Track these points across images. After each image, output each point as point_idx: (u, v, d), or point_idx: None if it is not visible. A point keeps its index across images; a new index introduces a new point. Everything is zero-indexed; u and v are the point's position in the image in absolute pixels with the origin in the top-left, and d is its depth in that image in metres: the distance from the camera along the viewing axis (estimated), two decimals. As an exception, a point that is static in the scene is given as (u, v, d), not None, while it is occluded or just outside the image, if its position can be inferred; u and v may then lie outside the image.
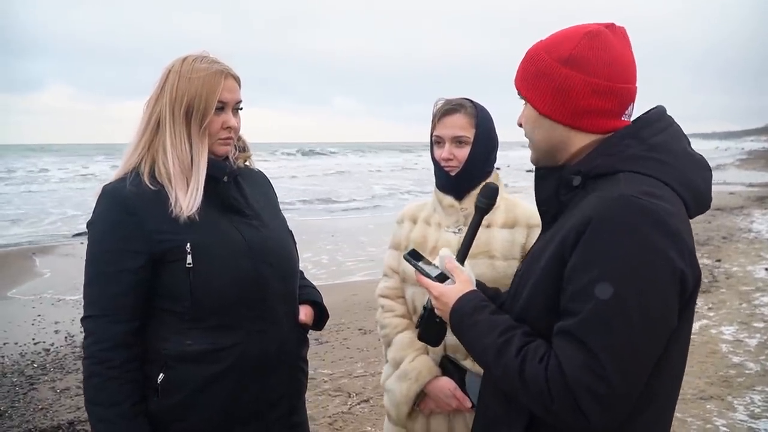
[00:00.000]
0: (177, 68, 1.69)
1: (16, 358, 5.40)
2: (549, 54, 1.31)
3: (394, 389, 2.03)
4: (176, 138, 1.66)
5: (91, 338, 1.63)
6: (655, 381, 1.21)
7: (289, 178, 27.60)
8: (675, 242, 1.14)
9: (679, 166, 1.26)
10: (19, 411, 4.33)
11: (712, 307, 6.51)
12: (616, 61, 1.28)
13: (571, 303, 1.17)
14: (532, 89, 1.34)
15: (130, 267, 1.63)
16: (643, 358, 1.14)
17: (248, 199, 1.82)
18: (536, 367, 1.18)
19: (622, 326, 1.11)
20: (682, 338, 1.27)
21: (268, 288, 1.76)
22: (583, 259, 1.16)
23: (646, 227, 1.13)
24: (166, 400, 1.67)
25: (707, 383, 4.59)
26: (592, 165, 1.28)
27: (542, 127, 1.35)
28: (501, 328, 1.28)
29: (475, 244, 1.98)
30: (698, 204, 1.29)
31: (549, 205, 1.39)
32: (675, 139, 1.30)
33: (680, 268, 1.15)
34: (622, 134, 1.29)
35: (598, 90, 1.27)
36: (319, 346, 5.61)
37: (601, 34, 1.29)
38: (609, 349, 1.11)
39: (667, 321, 1.16)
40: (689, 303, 1.22)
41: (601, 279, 1.12)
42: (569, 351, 1.14)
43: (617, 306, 1.11)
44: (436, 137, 2.03)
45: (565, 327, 1.17)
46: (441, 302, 1.43)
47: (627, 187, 1.19)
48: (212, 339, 1.68)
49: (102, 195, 1.68)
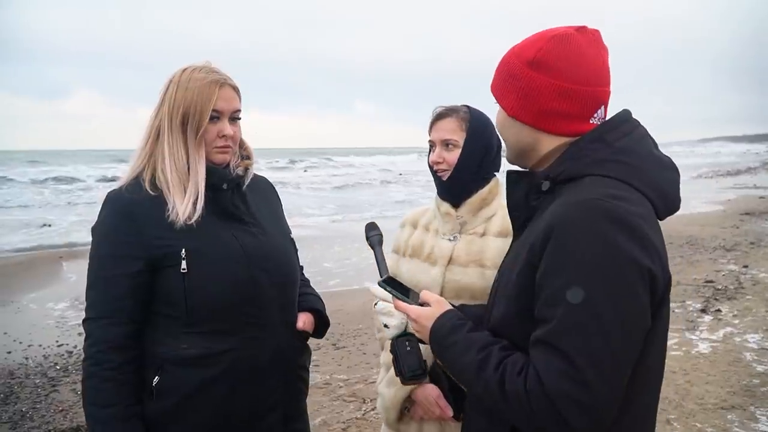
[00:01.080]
0: (176, 79, 1.73)
1: (39, 360, 5.51)
2: (518, 57, 1.34)
3: (385, 393, 2.05)
4: (173, 146, 1.70)
5: (90, 340, 1.68)
6: (633, 385, 1.20)
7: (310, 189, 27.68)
8: (641, 243, 1.14)
9: (646, 168, 1.26)
10: (40, 412, 4.42)
11: (737, 314, 6.38)
12: (582, 64, 1.28)
13: (544, 311, 1.16)
14: (502, 91, 1.37)
15: (127, 271, 1.66)
16: (622, 360, 1.13)
17: (249, 207, 1.84)
18: (515, 380, 1.17)
19: (596, 329, 1.10)
20: (657, 341, 1.26)
21: (264, 295, 1.77)
22: (552, 265, 1.16)
23: (609, 229, 1.13)
24: (160, 403, 1.69)
25: (729, 393, 4.50)
26: (559, 169, 1.29)
27: (512, 129, 1.37)
28: (479, 345, 1.27)
29: (468, 252, 1.97)
30: (666, 206, 1.28)
31: (520, 210, 1.40)
32: (640, 142, 1.30)
33: (648, 267, 1.14)
34: (588, 138, 1.29)
35: (561, 92, 1.28)
36: (336, 351, 5.62)
37: (569, 36, 1.30)
38: (585, 354, 1.10)
39: (641, 321, 1.16)
40: (662, 304, 1.21)
41: (570, 284, 1.12)
42: (545, 359, 1.13)
43: (589, 309, 1.11)
44: (429, 142, 2.05)
45: (540, 336, 1.16)
46: (419, 324, 1.43)
47: (591, 190, 1.19)
48: (206, 344, 1.70)
49: (105, 201, 1.73)
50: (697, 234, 11.09)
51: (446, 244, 2.00)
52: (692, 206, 15.37)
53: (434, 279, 1.98)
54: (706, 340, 5.66)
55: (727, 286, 7.46)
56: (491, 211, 2.02)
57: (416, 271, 2.04)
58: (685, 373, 4.90)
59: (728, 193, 19.54)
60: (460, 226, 2.00)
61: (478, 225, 2.01)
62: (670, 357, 5.18)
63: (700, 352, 5.36)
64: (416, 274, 2.03)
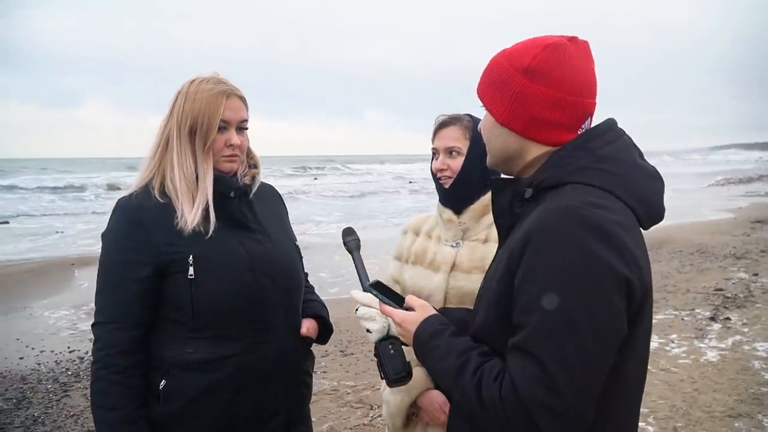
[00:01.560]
0: (185, 90, 1.78)
1: (51, 365, 5.57)
2: (509, 63, 1.32)
3: (390, 400, 2.07)
4: (182, 156, 1.75)
5: (99, 344, 1.72)
6: (612, 394, 1.20)
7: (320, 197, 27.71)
8: (618, 251, 1.14)
9: (629, 176, 1.27)
10: (51, 417, 4.47)
11: (747, 322, 6.35)
12: (575, 75, 1.29)
13: (520, 316, 1.17)
14: (491, 97, 1.35)
15: (135, 276, 1.71)
16: (595, 368, 1.13)
17: (256, 214, 1.88)
18: (491, 385, 1.17)
19: (569, 336, 1.10)
20: (638, 349, 1.26)
21: (269, 301, 1.81)
22: (528, 271, 1.17)
23: (586, 236, 1.13)
24: (166, 407, 1.73)
25: (737, 401, 4.48)
26: (542, 177, 1.29)
27: (499, 135, 1.36)
28: (458, 350, 1.27)
29: (471, 259, 1.99)
30: (650, 215, 1.29)
31: (504, 218, 1.40)
32: (624, 151, 1.31)
33: (624, 275, 1.14)
34: (571, 146, 1.29)
35: (553, 102, 1.28)
36: (344, 358, 5.65)
37: (563, 46, 1.29)
38: (558, 360, 1.10)
39: (616, 329, 1.15)
40: (640, 311, 1.21)
41: (546, 290, 1.12)
42: (519, 365, 1.13)
43: (563, 315, 1.11)
44: (433, 150, 2.08)
45: (515, 342, 1.16)
46: (404, 329, 1.44)
47: (571, 197, 1.20)
48: (211, 348, 1.74)
49: (115, 208, 1.78)
50: (708, 242, 11.04)
51: (449, 251, 2.03)
52: (703, 214, 15.30)
53: (437, 285, 2.00)
54: (714, 348, 5.64)
55: (737, 294, 7.42)
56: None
57: (419, 278, 2.07)
58: (693, 381, 4.89)
59: (739, 201, 19.43)
60: (463, 232, 2.03)
61: (481, 231, 2.04)
62: (678, 365, 5.19)
63: (709, 360, 5.35)
64: (419, 280, 2.06)
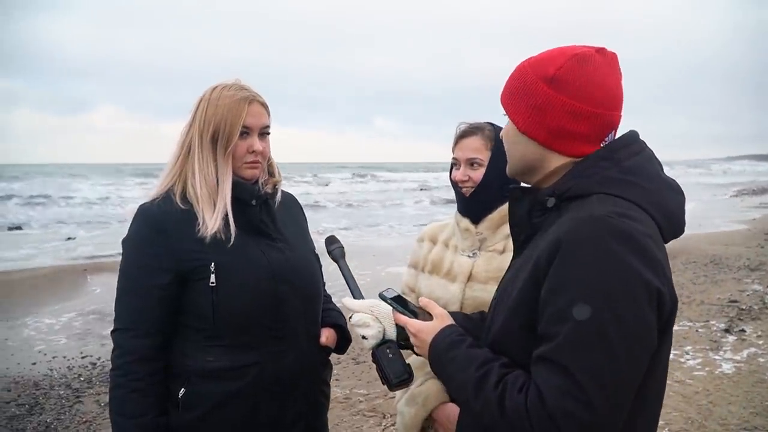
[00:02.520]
0: (207, 96, 1.79)
1: (63, 371, 5.59)
2: (534, 71, 1.30)
3: (404, 412, 2.02)
4: (203, 162, 1.75)
5: (118, 351, 1.72)
6: (635, 409, 1.18)
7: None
8: (649, 262, 1.13)
9: (653, 189, 1.26)
10: (64, 423, 4.48)
11: (762, 334, 6.27)
12: (600, 87, 1.27)
13: (549, 327, 1.14)
14: (514, 105, 1.33)
15: (156, 283, 1.71)
16: (626, 381, 1.11)
17: (276, 223, 1.88)
18: (516, 397, 1.14)
19: (601, 347, 1.08)
20: (660, 364, 1.25)
21: (289, 309, 1.81)
22: (558, 281, 1.15)
23: (619, 247, 1.12)
24: (186, 415, 1.73)
25: (752, 414, 4.42)
26: (566, 186, 1.27)
27: (519, 144, 1.35)
28: (478, 361, 1.25)
29: (487, 270, 1.97)
30: (672, 228, 1.28)
31: (521, 227, 1.38)
32: (648, 163, 1.30)
33: (656, 287, 1.13)
34: (597, 156, 1.28)
35: (577, 113, 1.26)
36: (356, 366, 5.64)
37: (590, 57, 1.28)
38: (589, 372, 1.08)
39: (648, 341, 1.14)
40: (667, 326, 1.20)
41: (577, 301, 1.11)
42: (548, 377, 1.11)
43: (595, 327, 1.09)
44: (454, 159, 2.07)
45: (543, 353, 1.14)
46: (419, 339, 1.42)
47: (599, 207, 1.18)
48: (232, 357, 1.74)
49: (137, 214, 1.78)
50: (722, 253, 10.94)
51: (466, 261, 2.02)
52: (716, 225, 15.16)
53: (454, 295, 1.99)
54: (729, 361, 5.58)
55: (752, 306, 7.34)
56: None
57: (435, 287, 2.06)
58: (708, 393, 4.84)
59: (753, 212, 19.25)
60: (480, 242, 2.02)
61: (498, 242, 2.02)
62: (693, 377, 5.13)
63: (724, 373, 5.29)
64: (435, 290, 2.05)
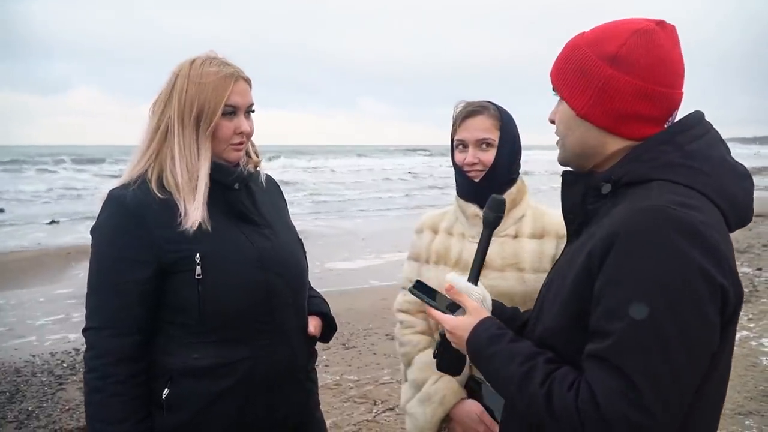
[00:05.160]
0: (185, 73, 1.62)
1: (46, 357, 5.47)
2: (593, 50, 1.20)
3: (417, 413, 1.92)
4: (185, 147, 1.60)
5: (94, 351, 1.57)
6: (698, 410, 1.11)
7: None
8: (713, 256, 1.04)
9: (717, 175, 1.16)
10: (46, 411, 4.36)
11: (753, 318, 6.27)
12: (665, 64, 1.17)
13: (603, 323, 1.07)
14: (571, 87, 1.23)
15: (135, 277, 1.57)
16: (685, 384, 1.04)
17: (258, 207, 1.75)
18: (565, 396, 1.08)
19: (660, 349, 1.02)
20: (724, 361, 1.16)
21: (279, 300, 1.69)
22: (614, 275, 1.07)
23: (680, 240, 1.03)
24: (171, 417, 1.61)
25: (746, 398, 4.40)
26: (623, 172, 1.18)
27: (578, 129, 1.24)
28: (522, 356, 1.18)
29: (503, 257, 1.87)
30: (738, 217, 1.18)
31: (575, 214, 1.29)
32: (713, 147, 1.19)
33: (720, 283, 1.04)
34: (657, 140, 1.18)
35: (644, 94, 1.16)
36: (346, 351, 5.56)
37: (652, 32, 1.17)
38: (647, 375, 1.01)
39: (709, 342, 1.06)
40: (730, 322, 1.11)
41: (634, 297, 1.03)
42: (602, 377, 1.05)
43: (654, 326, 1.02)
44: (458, 141, 1.93)
45: (596, 351, 1.07)
46: (456, 336, 1.35)
47: (660, 196, 1.09)
48: (220, 353, 1.62)
49: (108, 200, 1.62)
50: (709, 236, 10.97)
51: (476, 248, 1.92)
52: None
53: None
54: (721, 344, 5.57)
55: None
56: (521, 211, 1.93)
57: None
58: (700, 377, 4.82)
59: (739, 195, 19.36)
60: None
61: (510, 226, 1.92)
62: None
63: (716, 356, 5.28)
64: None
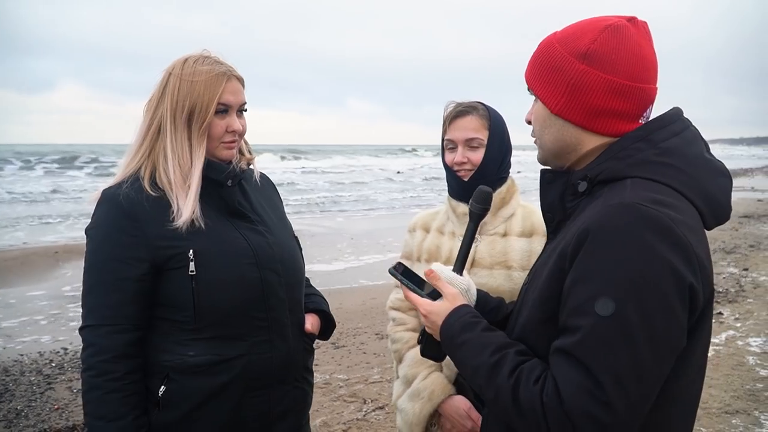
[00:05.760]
0: (177, 71, 1.64)
1: (34, 356, 5.44)
2: (564, 47, 1.21)
3: (407, 409, 1.95)
4: (177, 144, 1.62)
5: (91, 349, 1.58)
6: (664, 411, 1.13)
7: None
8: (683, 254, 1.06)
9: (694, 172, 1.17)
10: (35, 410, 4.34)
11: (739, 317, 6.34)
12: (637, 59, 1.19)
13: (570, 319, 1.09)
14: (544, 85, 1.24)
15: (131, 275, 1.58)
16: (649, 382, 1.05)
17: (253, 204, 1.77)
18: (531, 389, 1.09)
19: (625, 346, 1.03)
20: (695, 361, 1.17)
21: (274, 296, 1.70)
22: (583, 271, 1.08)
23: (650, 237, 1.04)
24: (167, 414, 1.62)
25: (733, 397, 4.45)
26: (598, 170, 1.20)
27: (553, 126, 1.26)
28: (493, 346, 1.19)
29: (491, 254, 1.90)
30: (715, 214, 1.19)
31: (554, 212, 1.30)
32: (690, 144, 1.21)
33: (689, 282, 1.06)
34: (632, 137, 1.19)
35: (616, 89, 1.18)
36: (336, 351, 5.57)
37: (623, 28, 1.19)
38: (611, 372, 1.02)
39: (675, 340, 1.07)
40: (701, 321, 1.13)
41: (601, 294, 1.04)
42: (567, 372, 1.06)
43: (619, 324, 1.03)
44: (448, 141, 1.96)
45: (563, 346, 1.09)
46: (429, 321, 1.36)
47: (632, 193, 1.11)
48: (216, 350, 1.63)
49: (102, 199, 1.63)
50: (697, 236, 11.07)
51: None
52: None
53: None
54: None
55: (728, 289, 7.42)
56: (510, 210, 1.97)
57: None
58: (688, 376, 4.86)
59: (726, 196, 19.51)
60: (480, 227, 1.94)
61: (499, 225, 1.95)
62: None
63: (703, 356, 5.33)
64: None
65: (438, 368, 1.95)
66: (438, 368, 1.95)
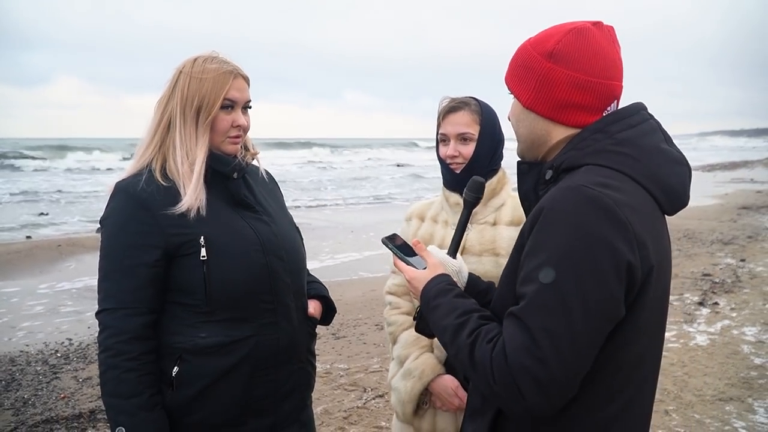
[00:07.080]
0: (187, 70, 1.74)
1: (40, 347, 5.52)
2: (535, 48, 1.35)
3: (399, 387, 2.04)
4: (185, 137, 1.72)
5: (108, 331, 1.66)
6: (617, 376, 1.24)
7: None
8: (622, 233, 1.16)
9: (648, 161, 1.28)
10: (41, 399, 4.43)
11: (735, 307, 6.42)
12: (598, 57, 1.30)
13: (521, 288, 1.21)
14: (518, 82, 1.38)
15: (146, 261, 1.66)
16: (582, 344, 1.15)
17: (257, 196, 1.87)
18: (484, 348, 1.22)
19: (560, 311, 1.14)
20: (646, 332, 1.27)
21: (280, 281, 1.80)
22: (533, 245, 1.21)
23: (591, 215, 1.16)
24: (181, 393, 1.70)
25: (727, 384, 4.53)
26: (561, 159, 1.32)
27: (526, 120, 1.38)
28: (460, 310, 1.33)
29: (481, 242, 1.98)
30: (671, 200, 1.31)
31: (529, 200, 1.42)
32: (646, 135, 1.31)
33: (626, 259, 1.16)
34: (592, 128, 1.32)
35: (579, 84, 1.30)
36: (336, 341, 5.65)
37: (586, 30, 1.32)
38: (547, 332, 1.14)
39: (609, 310, 1.17)
40: (642, 293, 1.22)
41: (545, 264, 1.17)
42: (513, 332, 1.18)
43: (557, 290, 1.15)
44: (442, 135, 2.05)
45: (512, 310, 1.21)
46: (413, 286, 1.49)
47: (583, 178, 1.22)
48: (226, 331, 1.71)
49: (116, 191, 1.72)
50: (695, 227, 11.14)
51: None
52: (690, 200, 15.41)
53: None
54: (704, 333, 5.70)
55: (725, 280, 7.50)
56: (500, 200, 2.05)
57: None
58: (683, 365, 4.94)
59: (726, 187, 19.59)
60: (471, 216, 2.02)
61: (489, 214, 2.04)
62: (668, 349, 5.22)
63: (698, 345, 5.40)
64: None
65: (429, 349, 2.03)
66: (429, 349, 2.03)
